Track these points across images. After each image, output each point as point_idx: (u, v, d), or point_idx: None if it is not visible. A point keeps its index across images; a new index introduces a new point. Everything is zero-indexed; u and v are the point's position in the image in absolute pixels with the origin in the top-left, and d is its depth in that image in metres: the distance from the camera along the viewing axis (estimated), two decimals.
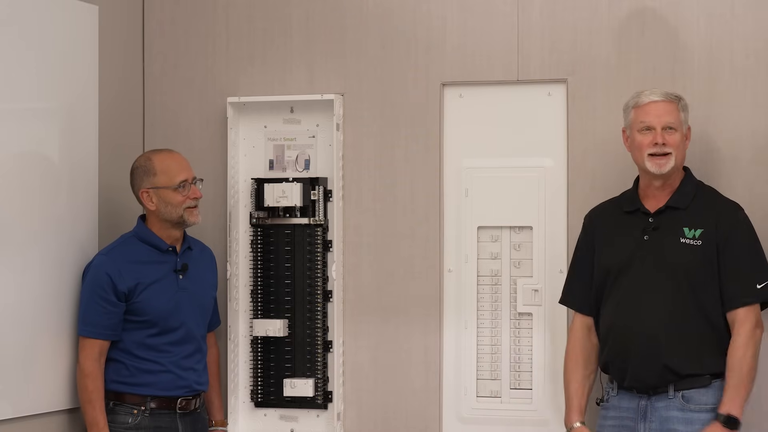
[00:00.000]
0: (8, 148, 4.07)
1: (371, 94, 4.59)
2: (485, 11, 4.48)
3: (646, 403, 3.98)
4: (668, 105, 4.00)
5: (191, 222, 4.31)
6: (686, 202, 4.00)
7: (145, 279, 4.25)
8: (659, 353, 3.92)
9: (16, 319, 4.06)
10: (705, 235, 3.94)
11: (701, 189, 4.05)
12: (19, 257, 4.08)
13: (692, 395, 3.92)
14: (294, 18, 4.68)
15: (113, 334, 4.24)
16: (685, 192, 4.02)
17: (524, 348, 4.48)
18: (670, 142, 3.97)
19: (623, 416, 4.03)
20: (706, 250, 3.93)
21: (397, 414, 4.56)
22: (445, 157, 4.54)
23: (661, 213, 4.02)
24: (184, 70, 4.78)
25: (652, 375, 3.95)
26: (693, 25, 4.29)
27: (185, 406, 4.32)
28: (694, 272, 3.93)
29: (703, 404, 3.91)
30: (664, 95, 4.02)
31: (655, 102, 4.00)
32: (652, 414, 3.96)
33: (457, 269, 4.53)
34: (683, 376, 3.92)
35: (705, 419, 3.89)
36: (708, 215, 3.96)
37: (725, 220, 3.95)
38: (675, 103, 4.01)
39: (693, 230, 3.95)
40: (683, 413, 3.92)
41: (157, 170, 4.29)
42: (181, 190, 4.29)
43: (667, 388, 3.94)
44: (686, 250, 3.94)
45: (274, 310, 4.64)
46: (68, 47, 4.34)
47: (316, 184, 4.61)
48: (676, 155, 3.98)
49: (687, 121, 4.03)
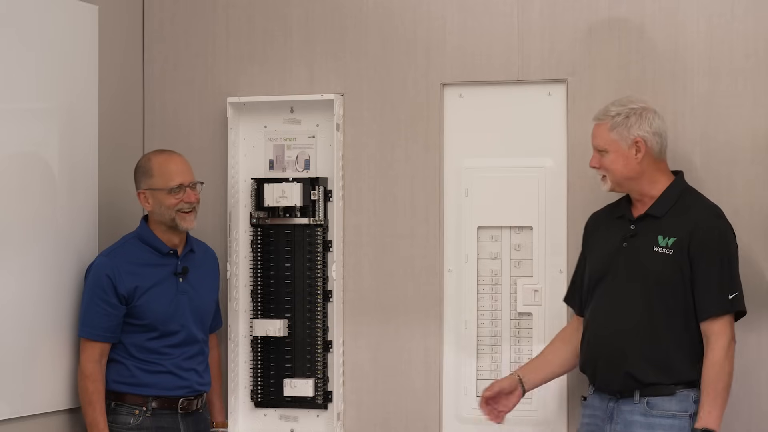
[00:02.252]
0: (8, 148, 4.07)
1: (371, 94, 4.59)
2: (485, 11, 4.48)
3: (614, 406, 3.99)
4: (598, 127, 4.02)
5: (183, 227, 4.30)
6: (663, 210, 3.98)
7: (144, 282, 4.25)
8: (623, 362, 3.94)
9: (16, 319, 4.07)
10: (677, 243, 3.91)
11: (684, 196, 4.01)
12: (19, 258, 4.08)
13: (656, 402, 3.92)
14: (294, 18, 4.68)
15: (113, 337, 4.24)
16: (665, 200, 3.99)
17: (524, 348, 4.48)
18: (603, 164, 4.00)
19: (596, 415, 4.06)
20: (678, 258, 3.90)
21: (397, 414, 4.56)
22: (445, 157, 4.54)
23: (641, 220, 4.02)
24: (184, 70, 4.78)
25: (616, 382, 3.97)
26: (693, 25, 4.28)
27: (187, 407, 4.32)
28: (664, 281, 3.91)
29: (665, 410, 3.91)
30: (597, 117, 4.03)
31: (594, 125, 4.04)
32: (617, 416, 3.98)
33: (457, 269, 4.52)
34: (647, 384, 3.93)
35: (666, 425, 3.90)
36: (683, 223, 3.93)
37: (699, 228, 3.91)
38: (605, 123, 4.00)
39: (666, 239, 3.93)
40: (645, 418, 3.92)
41: (154, 172, 4.29)
42: (175, 194, 4.28)
43: (633, 393, 3.95)
44: (658, 258, 3.93)
45: (274, 310, 4.64)
46: (68, 47, 4.34)
47: (316, 184, 4.61)
48: (611, 176, 3.99)
49: (628, 135, 3.96)
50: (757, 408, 4.18)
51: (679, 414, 3.90)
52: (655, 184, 4.02)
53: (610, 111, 4.00)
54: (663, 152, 4.03)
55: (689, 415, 3.90)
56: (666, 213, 3.98)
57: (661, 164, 4.04)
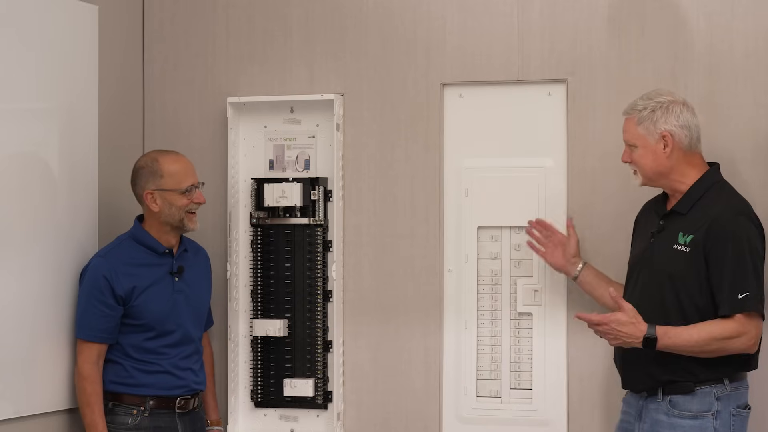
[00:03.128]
0: (8, 148, 4.07)
1: (371, 94, 4.59)
2: (485, 11, 4.48)
3: (643, 404, 3.98)
4: (627, 122, 4.01)
5: (189, 228, 4.32)
6: (687, 207, 3.95)
7: (141, 283, 4.25)
8: (641, 360, 3.93)
9: (15, 319, 4.06)
10: (694, 241, 3.89)
11: (711, 191, 3.97)
12: (19, 258, 4.08)
13: (678, 401, 3.90)
14: (294, 18, 4.68)
15: (110, 338, 4.24)
16: (690, 196, 3.96)
17: (524, 348, 4.48)
18: (633, 159, 4.00)
19: (629, 413, 4.05)
20: (694, 256, 3.88)
21: (397, 414, 4.56)
22: (445, 157, 4.54)
23: (667, 216, 4.00)
24: (184, 70, 4.78)
25: (638, 380, 3.98)
26: (693, 25, 4.28)
27: (184, 406, 4.33)
28: (682, 279, 3.89)
29: (686, 410, 3.89)
30: (626, 111, 4.02)
31: (624, 118, 4.03)
32: (645, 415, 3.97)
33: (457, 269, 4.52)
34: (666, 382, 3.91)
35: (687, 426, 3.88)
36: (702, 221, 3.90)
37: (714, 226, 3.87)
38: (633, 117, 3.99)
39: (685, 236, 3.91)
40: (668, 418, 3.91)
41: (164, 173, 4.29)
42: (187, 195, 4.29)
43: (657, 391, 3.94)
44: (676, 256, 3.91)
45: (274, 310, 4.64)
46: (68, 47, 4.33)
47: (316, 184, 4.61)
48: (641, 170, 3.98)
49: (655, 129, 3.95)
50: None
51: (701, 414, 3.87)
52: (685, 178, 3.98)
53: (637, 105, 3.99)
54: (694, 145, 3.98)
55: (711, 415, 3.87)
56: (690, 209, 3.95)
57: (693, 157, 3.99)
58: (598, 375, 4.36)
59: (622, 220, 4.30)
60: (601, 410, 4.36)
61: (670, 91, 4.06)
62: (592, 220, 4.37)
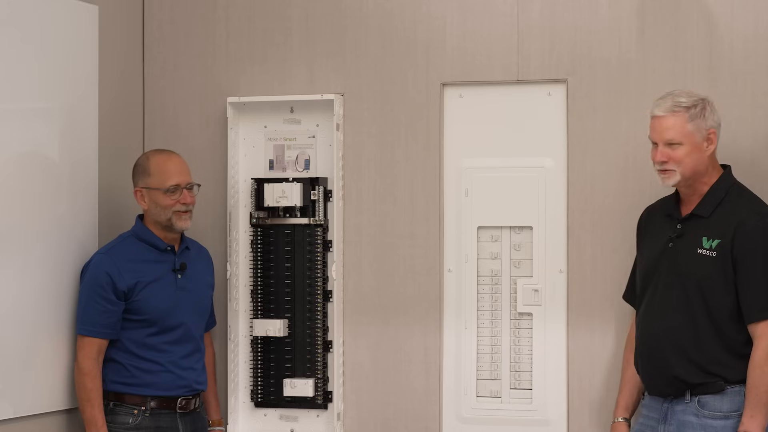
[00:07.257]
0: (9, 148, 4.07)
1: (371, 94, 4.59)
2: (485, 11, 4.48)
3: (668, 407, 3.95)
4: (671, 119, 3.88)
5: (179, 227, 4.31)
6: (709, 210, 3.90)
7: (144, 278, 4.26)
8: (667, 365, 3.90)
9: (16, 319, 4.07)
10: (721, 246, 3.85)
11: (731, 194, 3.93)
12: (20, 257, 4.08)
13: (707, 401, 3.88)
14: (294, 18, 4.68)
15: (112, 333, 4.24)
16: (711, 199, 3.92)
17: (524, 348, 4.48)
18: (673, 158, 3.88)
19: (650, 416, 4.02)
20: (722, 260, 3.84)
21: (397, 414, 4.56)
22: (445, 157, 4.54)
23: (686, 220, 3.95)
24: (184, 70, 4.78)
25: (665, 384, 3.94)
26: (693, 25, 4.28)
27: (185, 406, 4.33)
28: (709, 283, 3.85)
29: (717, 411, 3.87)
30: (669, 108, 3.88)
31: (659, 117, 3.90)
32: (671, 417, 3.94)
33: (457, 269, 4.52)
34: (695, 384, 3.89)
35: (718, 426, 3.86)
36: (728, 225, 3.86)
37: (741, 229, 3.84)
38: (681, 114, 3.88)
39: (711, 240, 3.87)
40: (698, 419, 3.88)
41: (151, 171, 4.30)
42: (171, 194, 4.28)
43: (684, 393, 3.91)
44: (701, 261, 3.87)
45: (274, 310, 4.64)
46: (68, 47, 4.34)
47: (316, 184, 4.61)
48: (682, 169, 3.88)
49: (704, 126, 3.88)
50: None
51: (731, 414, 3.86)
52: (709, 179, 3.94)
53: (681, 102, 3.88)
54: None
55: (741, 414, 3.84)
56: (712, 212, 3.90)
57: (715, 158, 3.97)
58: (598, 375, 4.36)
59: (622, 219, 4.30)
60: (601, 410, 4.36)
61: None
62: (592, 220, 4.37)
